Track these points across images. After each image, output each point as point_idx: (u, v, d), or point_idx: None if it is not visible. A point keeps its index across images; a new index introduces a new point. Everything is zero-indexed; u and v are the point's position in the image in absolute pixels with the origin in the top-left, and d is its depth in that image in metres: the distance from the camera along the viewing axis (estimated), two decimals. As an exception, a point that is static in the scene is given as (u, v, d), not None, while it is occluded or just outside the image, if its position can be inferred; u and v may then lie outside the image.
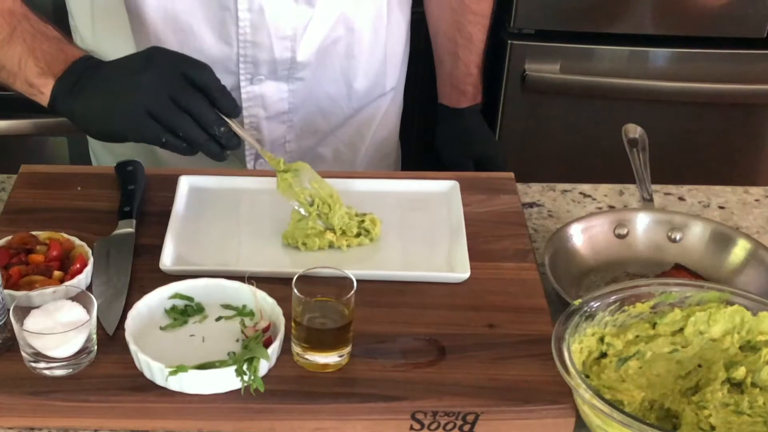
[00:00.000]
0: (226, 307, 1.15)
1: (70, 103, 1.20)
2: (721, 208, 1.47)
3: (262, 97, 1.47)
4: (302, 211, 1.25)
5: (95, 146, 1.63)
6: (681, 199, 1.48)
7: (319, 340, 1.07)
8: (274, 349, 1.07)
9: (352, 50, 1.49)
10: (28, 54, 1.22)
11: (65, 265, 1.18)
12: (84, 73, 1.20)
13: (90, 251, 1.20)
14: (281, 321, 1.10)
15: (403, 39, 1.60)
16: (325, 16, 1.44)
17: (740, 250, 1.31)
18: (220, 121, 1.18)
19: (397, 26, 1.56)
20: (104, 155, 1.61)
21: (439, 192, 1.36)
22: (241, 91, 1.45)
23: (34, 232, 1.22)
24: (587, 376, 1.06)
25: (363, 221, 1.27)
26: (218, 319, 1.14)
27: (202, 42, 1.40)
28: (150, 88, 1.16)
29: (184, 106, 1.16)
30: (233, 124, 1.20)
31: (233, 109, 1.20)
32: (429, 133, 1.72)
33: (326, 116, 1.54)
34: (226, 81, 1.43)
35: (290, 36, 1.42)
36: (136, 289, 1.17)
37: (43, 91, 1.21)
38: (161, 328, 1.12)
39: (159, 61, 1.18)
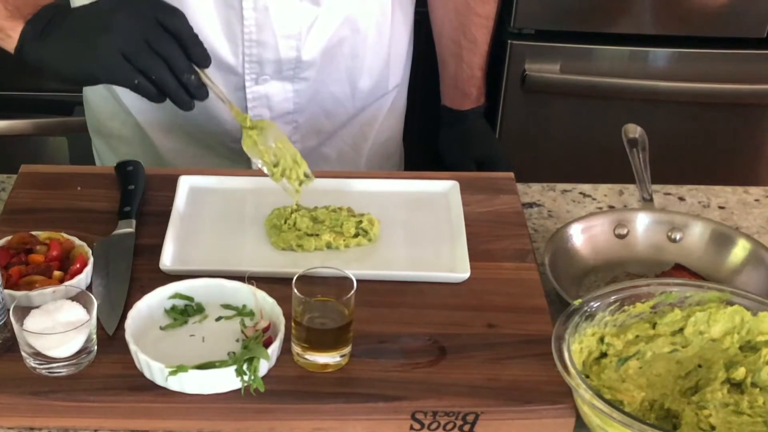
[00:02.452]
0: (226, 307, 1.15)
1: (39, 46, 1.18)
2: (721, 208, 1.47)
3: (267, 97, 1.46)
4: (265, 170, 1.25)
5: (99, 146, 1.63)
6: (681, 199, 1.48)
7: (319, 340, 1.07)
8: (274, 349, 1.07)
9: (356, 50, 1.49)
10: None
11: (65, 265, 1.18)
12: (55, 16, 1.18)
13: (90, 251, 1.20)
14: (281, 321, 1.10)
15: (407, 38, 1.60)
16: (331, 15, 1.43)
17: (740, 250, 1.31)
18: (191, 69, 1.17)
19: (401, 26, 1.56)
20: (107, 154, 1.60)
21: (439, 192, 1.36)
22: (246, 91, 1.44)
23: (34, 232, 1.22)
24: (587, 376, 1.06)
25: (361, 222, 1.27)
26: (218, 319, 1.14)
27: (207, 41, 1.40)
28: (124, 29, 1.14)
29: (157, 49, 1.15)
30: (203, 75, 1.18)
31: (204, 59, 1.18)
32: (430, 134, 1.72)
33: (330, 116, 1.54)
34: (231, 81, 1.43)
35: (295, 35, 1.42)
36: (136, 289, 1.17)
37: (10, 34, 1.19)
38: (161, 328, 1.12)
39: (133, 3, 1.16)
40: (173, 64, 1.16)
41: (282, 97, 1.47)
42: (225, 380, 1.04)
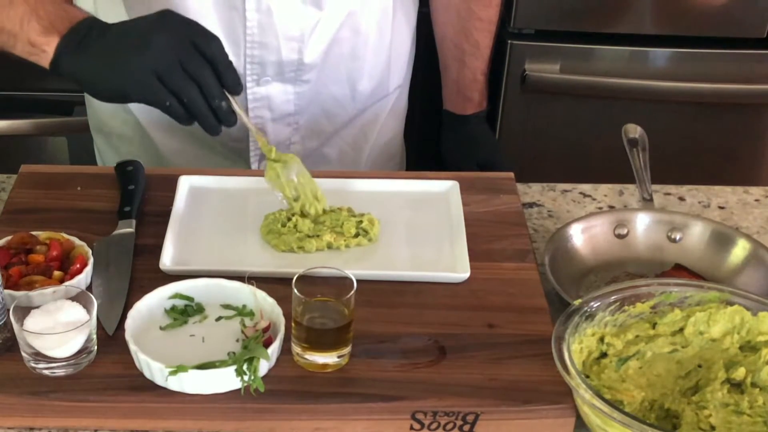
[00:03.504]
0: (226, 307, 1.15)
1: (74, 61, 1.18)
2: (721, 208, 1.47)
3: (268, 99, 1.46)
4: (285, 203, 1.25)
5: (100, 144, 1.63)
6: (681, 199, 1.48)
7: (319, 340, 1.07)
8: (274, 349, 1.07)
9: (357, 52, 1.49)
10: (31, 14, 1.19)
11: (65, 265, 1.18)
12: (90, 32, 1.18)
13: (90, 251, 1.20)
14: (281, 321, 1.10)
15: (409, 40, 1.60)
16: (333, 17, 1.43)
17: (740, 250, 1.31)
18: (223, 95, 1.17)
19: (403, 27, 1.56)
20: (109, 153, 1.60)
21: (439, 192, 1.36)
22: (247, 92, 1.44)
23: (34, 232, 1.22)
24: (587, 376, 1.06)
25: (361, 222, 1.27)
26: (218, 319, 1.14)
27: None
28: (160, 49, 1.14)
29: (192, 73, 1.14)
30: (233, 102, 1.19)
31: (237, 85, 1.18)
32: (431, 135, 1.72)
33: (331, 118, 1.54)
34: None
35: (297, 37, 1.42)
36: (136, 289, 1.17)
37: (45, 49, 1.19)
38: (161, 328, 1.12)
39: (170, 25, 1.17)
40: (205, 88, 1.15)
41: (283, 99, 1.47)
42: (225, 380, 1.04)
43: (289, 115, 1.49)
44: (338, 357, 1.08)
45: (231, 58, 1.40)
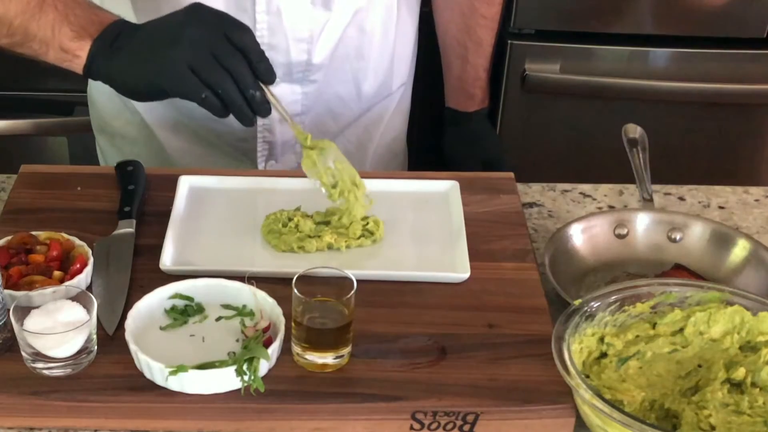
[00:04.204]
0: (226, 307, 1.15)
1: (108, 63, 1.18)
2: (721, 208, 1.47)
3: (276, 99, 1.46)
4: (324, 191, 1.24)
5: (103, 145, 1.63)
6: (681, 199, 1.48)
7: (319, 340, 1.07)
8: (274, 349, 1.07)
9: (362, 51, 1.49)
10: (62, 20, 1.19)
11: (65, 265, 1.18)
12: (122, 33, 1.18)
13: (90, 251, 1.20)
14: (281, 321, 1.10)
15: (412, 38, 1.60)
16: (340, 17, 1.43)
17: (740, 250, 1.31)
18: (257, 85, 1.17)
19: (407, 25, 1.56)
20: (111, 153, 1.60)
21: (439, 192, 1.36)
22: None
23: (34, 232, 1.22)
24: (587, 376, 1.06)
25: (367, 223, 1.27)
26: (218, 319, 1.14)
27: None
28: (193, 42, 1.14)
29: (225, 64, 1.14)
30: (267, 92, 1.18)
31: (270, 74, 1.18)
32: (432, 134, 1.72)
33: (336, 117, 1.54)
34: None
35: (307, 38, 1.42)
36: (136, 289, 1.17)
37: (78, 54, 1.19)
38: (161, 328, 1.12)
39: (202, 17, 1.17)
40: (239, 79, 1.15)
41: (291, 99, 1.47)
42: (225, 380, 1.04)
43: (296, 115, 1.49)
44: (338, 357, 1.08)
45: None
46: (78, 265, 1.17)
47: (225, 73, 1.15)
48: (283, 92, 1.46)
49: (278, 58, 1.42)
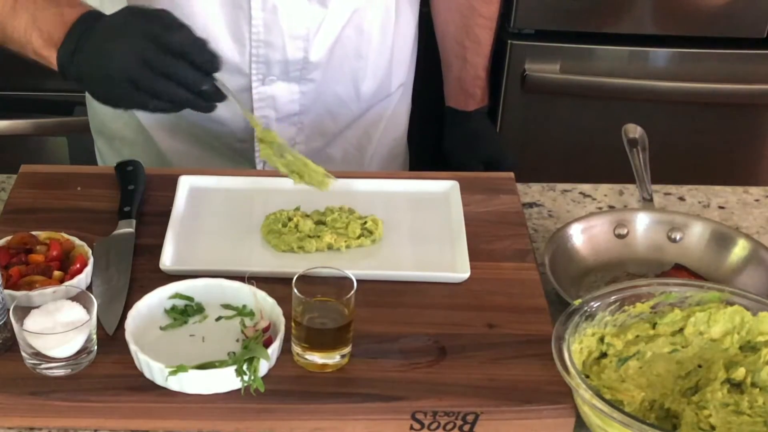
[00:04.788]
0: (226, 307, 1.15)
1: (74, 72, 1.18)
2: (721, 208, 1.47)
3: (273, 98, 1.46)
4: (291, 180, 1.23)
5: (102, 147, 1.63)
6: (681, 199, 1.48)
7: (319, 340, 1.07)
8: (274, 349, 1.07)
9: (360, 51, 1.49)
10: (32, 25, 1.19)
11: (65, 265, 1.18)
12: (80, 39, 1.17)
13: (90, 251, 1.20)
14: (281, 321, 1.10)
15: (411, 39, 1.60)
16: (338, 16, 1.43)
17: (740, 250, 1.31)
18: (202, 80, 1.15)
19: (406, 26, 1.56)
20: (110, 156, 1.60)
21: (439, 192, 1.36)
22: (252, 91, 1.44)
23: (34, 232, 1.22)
24: (587, 376, 1.06)
25: (365, 223, 1.27)
26: (218, 319, 1.14)
27: (215, 41, 1.39)
28: (126, 56, 1.13)
29: (162, 71, 1.13)
30: (218, 81, 1.16)
31: (213, 63, 1.16)
32: (432, 134, 1.72)
33: (335, 117, 1.54)
34: (238, 81, 1.43)
35: (303, 36, 1.42)
36: (136, 289, 1.17)
37: (51, 61, 1.20)
38: (161, 328, 1.12)
39: (133, 27, 1.15)
40: (181, 81, 1.14)
41: (288, 99, 1.47)
42: (225, 380, 1.04)
43: (294, 114, 1.49)
44: (338, 357, 1.08)
45: (236, 57, 1.41)
46: (78, 265, 1.17)
47: (164, 80, 1.13)
48: (280, 91, 1.46)
49: (275, 56, 1.42)
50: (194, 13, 1.37)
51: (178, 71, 1.13)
